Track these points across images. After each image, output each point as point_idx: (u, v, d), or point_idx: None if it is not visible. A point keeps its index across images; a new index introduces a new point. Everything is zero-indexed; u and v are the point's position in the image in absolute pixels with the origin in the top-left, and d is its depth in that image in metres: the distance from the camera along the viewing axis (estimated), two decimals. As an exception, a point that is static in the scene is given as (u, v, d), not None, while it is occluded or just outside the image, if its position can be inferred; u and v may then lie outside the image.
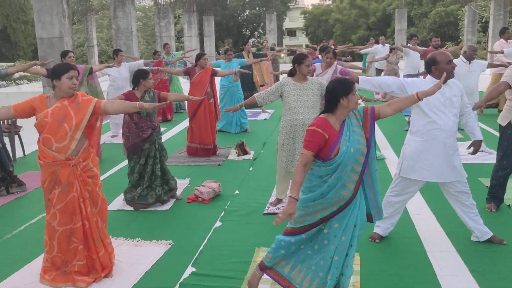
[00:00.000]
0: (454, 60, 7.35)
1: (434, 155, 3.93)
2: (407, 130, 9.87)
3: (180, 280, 3.70)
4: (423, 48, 10.92)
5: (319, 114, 3.18)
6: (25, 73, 6.32)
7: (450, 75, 3.87)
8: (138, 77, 5.17)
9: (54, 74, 3.51)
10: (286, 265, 3.29)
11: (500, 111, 9.16)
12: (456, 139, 3.99)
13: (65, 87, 3.49)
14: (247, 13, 42.89)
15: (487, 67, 8.25)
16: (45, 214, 5.06)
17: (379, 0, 41.12)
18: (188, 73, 7.66)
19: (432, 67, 3.90)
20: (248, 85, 12.10)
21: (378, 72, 14.64)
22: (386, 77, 4.16)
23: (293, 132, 4.94)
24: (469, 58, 7.19)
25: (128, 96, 5.11)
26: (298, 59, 4.96)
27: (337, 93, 3.05)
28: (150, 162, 5.29)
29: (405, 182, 4.11)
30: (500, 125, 4.99)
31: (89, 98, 3.59)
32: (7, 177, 6.00)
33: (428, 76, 3.97)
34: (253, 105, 5.11)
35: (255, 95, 5.05)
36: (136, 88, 5.22)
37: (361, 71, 6.72)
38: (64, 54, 7.60)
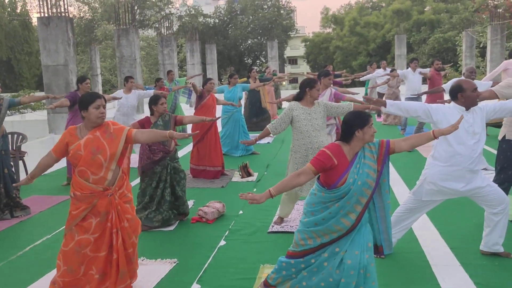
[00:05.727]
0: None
1: (456, 179, 4.00)
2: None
3: (185, 297, 3.71)
4: (427, 71, 10.59)
5: (335, 141, 3.24)
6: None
7: (474, 102, 3.96)
8: (150, 103, 5.40)
9: (81, 105, 3.47)
10: (289, 285, 3.31)
11: None
12: (480, 160, 4.02)
13: (93, 117, 3.45)
14: (249, 42, 43.42)
15: (492, 87, 8.28)
16: (48, 236, 5.15)
17: (378, 27, 41.71)
18: (201, 94, 7.87)
19: (459, 94, 3.97)
20: (257, 111, 12.13)
21: (380, 96, 14.71)
22: (413, 102, 4.24)
23: (307, 156, 4.92)
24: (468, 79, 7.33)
25: (142, 123, 5.35)
26: (310, 83, 4.96)
27: (353, 125, 3.09)
28: (160, 185, 5.35)
29: (423, 203, 4.17)
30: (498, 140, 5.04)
31: (121, 127, 3.53)
32: (11, 203, 6.04)
33: (453, 103, 4.05)
34: (267, 135, 5.13)
35: (267, 126, 5.07)
36: (152, 114, 5.44)
37: (353, 95, 6.83)
38: (81, 80, 7.34)
